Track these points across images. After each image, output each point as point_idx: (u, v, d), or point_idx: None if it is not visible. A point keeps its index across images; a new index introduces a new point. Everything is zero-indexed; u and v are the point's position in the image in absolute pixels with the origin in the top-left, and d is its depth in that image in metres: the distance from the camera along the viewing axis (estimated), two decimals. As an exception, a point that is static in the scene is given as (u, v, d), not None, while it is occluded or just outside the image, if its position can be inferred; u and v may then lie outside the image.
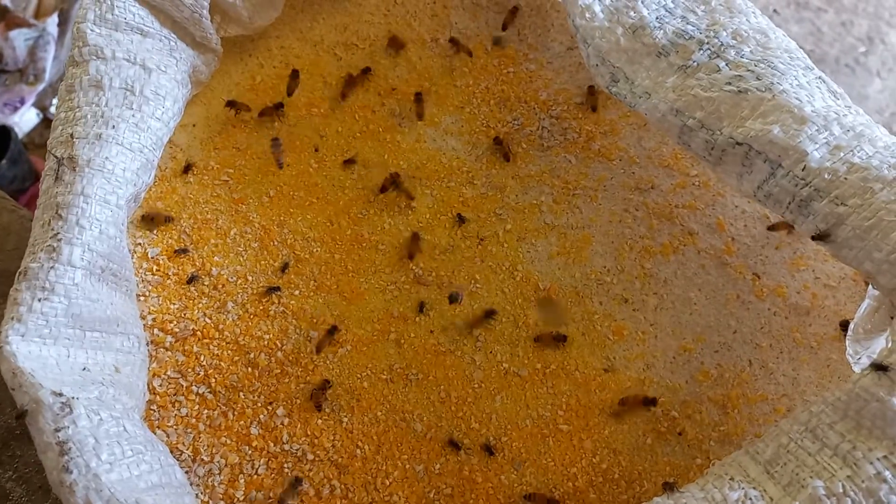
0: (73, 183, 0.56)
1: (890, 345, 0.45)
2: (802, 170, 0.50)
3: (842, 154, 0.50)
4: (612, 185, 0.71)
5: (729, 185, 0.69)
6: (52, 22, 1.58)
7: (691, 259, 0.67)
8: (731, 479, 0.45)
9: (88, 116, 0.59)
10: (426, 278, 0.68)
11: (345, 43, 0.81)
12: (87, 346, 0.55)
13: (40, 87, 1.51)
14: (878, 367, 0.44)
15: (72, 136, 0.58)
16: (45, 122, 1.53)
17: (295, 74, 0.76)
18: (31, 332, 0.52)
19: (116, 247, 0.58)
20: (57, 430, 0.48)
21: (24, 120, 1.49)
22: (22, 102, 1.47)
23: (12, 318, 0.52)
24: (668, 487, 0.53)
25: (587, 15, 0.61)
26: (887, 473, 0.41)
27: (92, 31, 0.63)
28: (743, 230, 0.67)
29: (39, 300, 0.53)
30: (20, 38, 1.50)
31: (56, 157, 0.58)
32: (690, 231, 0.68)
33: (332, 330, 0.65)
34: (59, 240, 0.54)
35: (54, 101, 1.51)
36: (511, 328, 0.66)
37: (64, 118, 0.60)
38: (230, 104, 0.74)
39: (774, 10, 1.71)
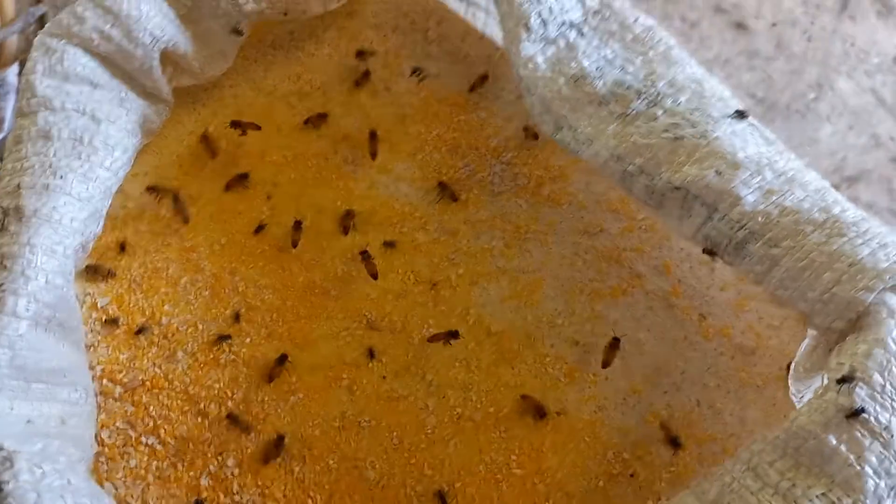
0: (18, 233, 0.56)
1: (825, 382, 0.46)
2: (737, 213, 0.52)
3: (774, 198, 0.52)
4: (562, 229, 0.73)
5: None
6: (11, 72, 1.55)
7: (639, 301, 0.69)
8: (675, 519, 0.45)
9: (36, 167, 0.59)
10: (379, 324, 0.68)
11: (298, 92, 0.82)
12: (31, 398, 0.55)
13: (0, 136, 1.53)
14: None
15: (18, 186, 0.58)
16: None
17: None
18: (-27, 387, 0.52)
19: (63, 297, 0.57)
20: (-5, 486, 0.48)
21: None
22: None
23: (-46, 373, 0.52)
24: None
25: (530, 65, 0.63)
26: (824, 510, 0.42)
27: (41, 82, 0.63)
28: (689, 272, 0.69)
29: (-17, 353, 0.52)
30: None
31: (2, 207, 0.57)
32: (638, 274, 0.70)
33: (282, 359, 0.65)
34: (4, 290, 0.54)
35: None
36: (464, 372, 0.66)
37: (11, 169, 0.60)
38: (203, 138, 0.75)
39: (726, 60, 1.77)
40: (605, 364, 0.65)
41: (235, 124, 0.76)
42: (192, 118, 0.79)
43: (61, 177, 0.59)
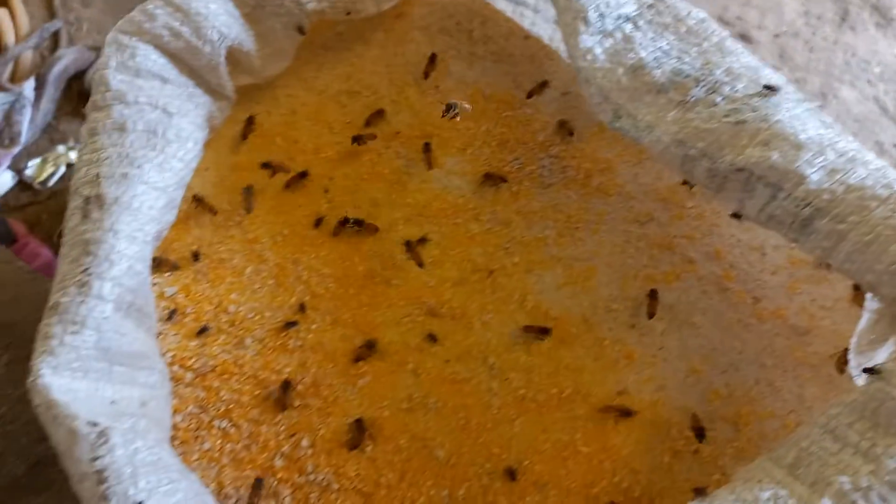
0: (101, 220, 0.58)
1: (894, 348, 0.48)
2: (803, 192, 0.54)
3: (838, 176, 0.53)
4: (613, 219, 0.75)
5: (724, 216, 0.72)
6: (28, 86, 1.55)
7: (693, 286, 0.70)
8: (760, 481, 0.47)
9: (113, 157, 0.61)
10: (439, 310, 0.70)
11: (348, 91, 0.84)
12: (114, 381, 0.56)
13: (15, 150, 1.48)
14: (871, 370, 0.47)
15: (97, 175, 0.60)
16: (21, 185, 1.53)
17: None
18: (62, 366, 0.53)
19: (143, 282, 0.59)
20: (94, 460, 0.49)
21: (0, 182, 1.49)
22: None
23: (44, 352, 0.53)
24: (699, 492, 0.55)
25: (588, 57, 0.65)
26: (868, 469, 0.43)
27: (114, 77, 0.65)
28: (740, 257, 0.71)
29: (71, 333, 0.54)
30: None
31: (83, 195, 0.59)
32: (690, 259, 0.71)
33: (371, 344, 0.67)
34: (90, 274, 0.55)
35: (30, 163, 1.50)
36: (525, 356, 0.67)
37: (87, 159, 0.62)
38: (266, 166, 0.76)
39: None
40: (651, 314, 0.68)
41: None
42: (247, 117, 0.81)
43: (138, 166, 0.61)
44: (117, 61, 0.66)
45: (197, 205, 0.73)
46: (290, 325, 0.68)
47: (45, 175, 1.41)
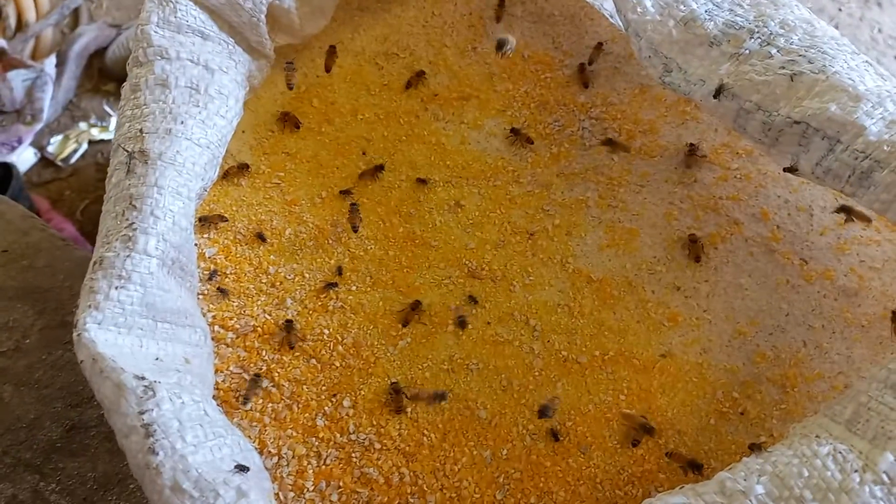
0: (145, 175, 0.57)
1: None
2: (862, 143, 0.52)
3: (899, 127, 0.51)
4: (656, 181, 0.73)
5: (771, 177, 0.70)
6: (49, 63, 1.56)
7: (739, 247, 0.68)
8: (817, 436, 0.45)
9: (157, 113, 0.60)
10: (480, 272, 0.69)
11: (385, 53, 0.82)
12: (158, 337, 0.56)
13: (37, 126, 1.52)
14: None
15: (141, 131, 0.59)
16: (43, 161, 1.53)
17: (332, 50, 0.78)
18: (107, 321, 0.53)
19: (187, 239, 0.58)
20: (141, 413, 0.48)
21: (22, 159, 1.48)
22: (19, 142, 1.48)
23: (89, 306, 0.53)
24: (755, 448, 0.54)
25: (638, 9, 0.63)
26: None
27: (156, 32, 0.64)
28: (787, 218, 0.69)
29: (116, 288, 0.53)
30: (18, 79, 1.51)
31: (126, 150, 0.58)
32: (736, 221, 0.69)
33: (416, 305, 0.66)
34: (135, 229, 0.55)
35: (52, 140, 1.52)
36: (567, 318, 0.66)
37: (130, 115, 0.61)
38: (285, 116, 0.76)
39: None
40: (697, 258, 0.67)
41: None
42: (284, 78, 0.80)
43: (182, 122, 0.60)
44: (158, 16, 0.65)
45: (238, 167, 0.73)
46: (330, 286, 0.67)
47: (67, 152, 1.45)
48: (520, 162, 0.75)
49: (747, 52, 0.58)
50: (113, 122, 1.48)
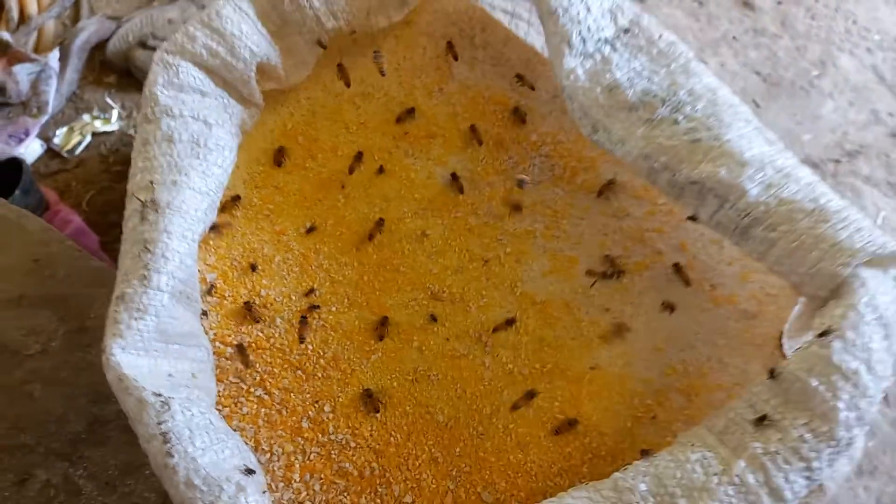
0: (156, 222, 0.68)
1: (810, 338, 0.58)
2: (744, 204, 0.63)
3: (773, 191, 0.63)
4: (594, 213, 0.84)
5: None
6: (53, 56, 1.59)
7: (660, 274, 0.80)
8: (693, 445, 0.58)
9: (164, 166, 0.71)
10: (441, 295, 0.80)
11: (362, 93, 0.93)
12: (170, 357, 0.67)
13: (43, 118, 1.55)
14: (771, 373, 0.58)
15: (151, 182, 0.70)
16: (49, 153, 1.56)
17: (341, 66, 0.89)
18: (129, 346, 0.64)
19: (191, 274, 0.70)
20: (159, 423, 0.60)
21: (29, 151, 1.52)
22: (27, 134, 1.52)
23: (114, 335, 0.64)
24: (645, 453, 0.66)
25: (571, 77, 0.74)
26: (807, 435, 0.54)
27: (162, 93, 0.75)
28: (701, 249, 0.81)
29: (135, 319, 0.65)
30: (23, 73, 1.56)
31: (140, 200, 0.70)
32: (659, 251, 0.81)
33: (384, 321, 0.78)
34: (149, 269, 0.66)
35: (57, 132, 1.56)
36: (513, 335, 0.78)
37: (142, 167, 0.72)
38: (280, 151, 0.87)
39: (734, 37, 1.84)
40: (615, 274, 0.79)
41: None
42: (272, 118, 0.90)
43: (185, 174, 0.71)
44: (164, 78, 0.75)
45: (233, 201, 0.84)
46: (312, 308, 0.79)
47: (72, 143, 1.49)
48: (478, 195, 0.87)
49: (659, 117, 0.70)
50: (114, 114, 1.54)
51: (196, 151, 0.73)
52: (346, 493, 0.70)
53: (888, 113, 1.82)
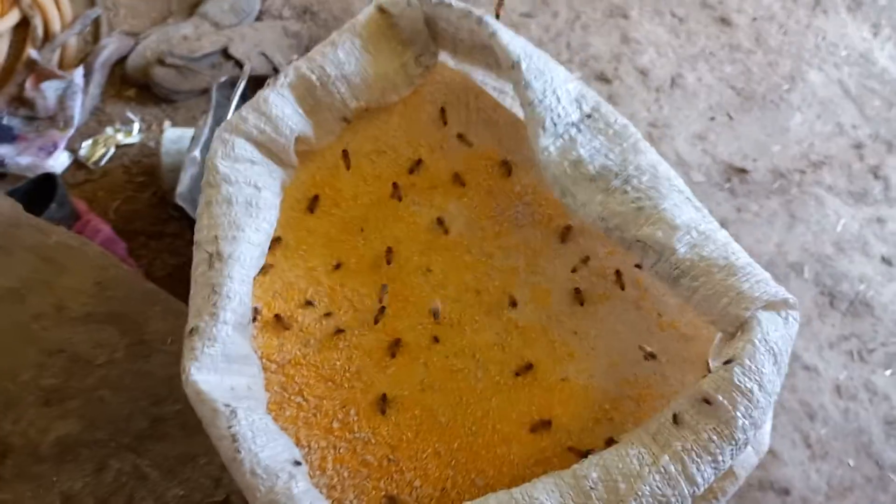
0: (221, 269, 0.85)
1: (719, 364, 0.76)
2: (674, 260, 0.81)
3: (696, 250, 0.80)
4: (566, 252, 1.02)
5: (642, 254, 0.99)
6: (78, 73, 1.67)
7: (618, 304, 0.97)
8: (632, 443, 0.75)
9: (225, 224, 0.88)
10: (442, 320, 0.98)
11: (377, 150, 1.09)
12: (232, 374, 0.84)
13: (70, 132, 1.64)
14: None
15: (216, 237, 0.87)
16: (76, 164, 1.64)
17: (345, 153, 1.05)
18: (203, 367, 0.81)
19: (247, 309, 0.87)
20: (229, 427, 0.77)
21: (58, 163, 1.61)
22: (55, 147, 1.61)
23: (191, 359, 0.81)
24: (610, 442, 0.84)
25: (545, 153, 0.91)
26: (714, 437, 0.72)
27: (221, 163, 0.91)
28: (652, 284, 0.98)
29: (207, 347, 0.82)
30: (50, 89, 1.64)
31: (207, 251, 0.86)
32: (619, 286, 0.98)
33: (397, 341, 0.95)
34: (217, 307, 0.83)
35: (83, 144, 1.65)
36: (500, 353, 0.95)
37: (208, 224, 0.88)
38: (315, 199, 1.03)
39: (711, 53, 1.97)
40: (582, 303, 0.96)
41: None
42: (305, 173, 1.07)
43: (242, 230, 0.88)
44: (222, 152, 0.92)
45: (275, 242, 1.01)
46: (339, 331, 0.96)
47: (97, 155, 1.63)
48: (472, 237, 1.04)
49: (613, 187, 0.87)
50: (135, 126, 1.67)
51: (250, 211, 0.90)
52: (368, 479, 0.88)
53: (852, 125, 1.92)
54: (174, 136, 1.52)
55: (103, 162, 1.66)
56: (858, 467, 1.42)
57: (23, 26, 1.79)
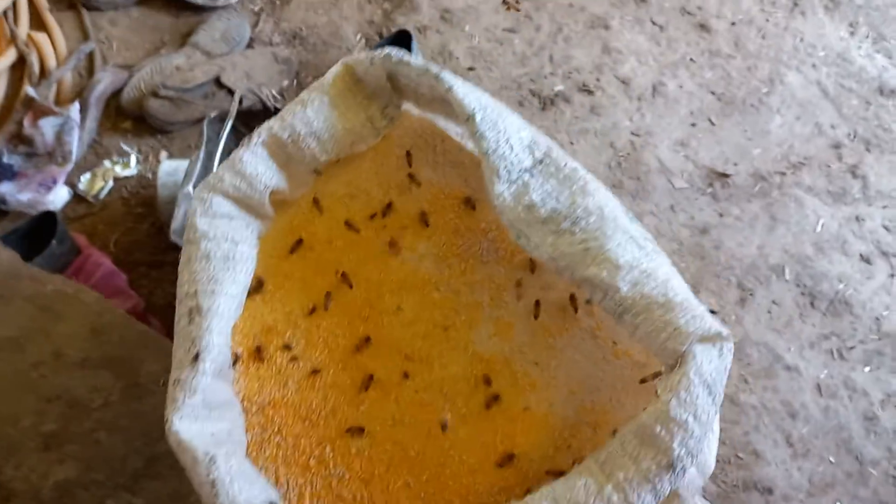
0: (201, 323, 0.89)
1: (658, 396, 0.79)
2: (619, 297, 0.84)
3: (638, 287, 0.84)
4: (528, 287, 1.05)
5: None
6: (74, 109, 1.66)
7: (576, 335, 1.01)
8: (581, 473, 0.79)
9: (204, 279, 0.92)
10: (412, 356, 1.02)
11: (350, 194, 1.13)
12: (212, 420, 0.87)
13: (69, 167, 1.63)
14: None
15: (196, 292, 0.91)
16: (76, 198, 1.64)
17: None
18: (184, 417, 0.84)
19: (227, 357, 0.91)
20: (208, 474, 0.81)
21: (58, 197, 1.61)
22: (54, 182, 1.60)
23: (173, 410, 0.84)
24: (550, 473, 0.87)
25: (500, 199, 0.94)
26: (653, 466, 0.75)
27: (200, 220, 0.95)
28: (605, 315, 1.01)
29: (187, 397, 0.85)
30: (48, 125, 1.63)
31: (188, 306, 0.90)
32: (576, 317, 1.02)
33: (370, 377, 0.98)
34: (196, 359, 0.87)
35: (82, 178, 1.64)
36: (466, 386, 0.99)
37: (188, 279, 0.92)
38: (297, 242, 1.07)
39: (691, 59, 1.98)
40: (536, 316, 1.00)
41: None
42: (282, 220, 1.11)
43: (220, 283, 0.92)
44: (201, 210, 0.96)
45: (256, 288, 1.05)
46: (315, 371, 1.00)
47: (96, 189, 1.64)
48: (440, 275, 1.08)
49: (562, 229, 0.90)
50: (132, 159, 1.67)
51: (227, 265, 0.94)
52: (344, 512, 0.92)
53: (830, 125, 1.90)
54: (170, 169, 1.55)
55: (102, 195, 1.66)
56: (839, 463, 1.43)
57: (19, 64, 1.78)
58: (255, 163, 0.99)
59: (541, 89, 1.81)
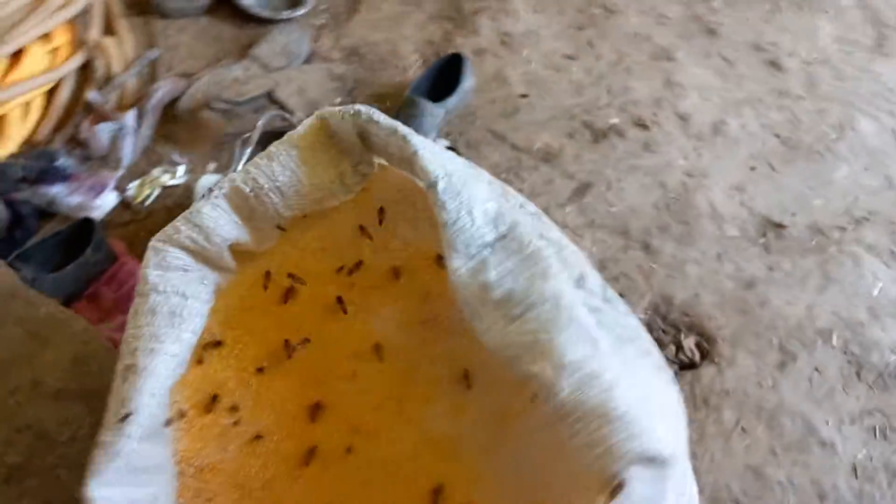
0: (134, 383, 0.85)
1: None
2: (560, 398, 0.76)
3: (579, 392, 0.75)
4: (488, 364, 0.97)
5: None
6: (130, 115, 1.69)
7: (532, 421, 0.93)
8: None
9: (147, 335, 0.88)
10: (360, 429, 0.95)
11: (321, 248, 1.08)
12: (138, 485, 0.83)
13: (120, 173, 1.65)
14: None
15: (136, 349, 0.87)
16: (122, 204, 1.65)
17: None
18: (104, 483, 0.80)
19: (160, 420, 0.86)
20: (123, 546, 0.77)
21: (106, 202, 1.62)
22: (104, 187, 1.63)
23: (94, 474, 0.81)
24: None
25: (457, 273, 0.87)
26: None
27: (152, 274, 0.91)
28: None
29: (111, 462, 0.81)
30: (104, 131, 1.66)
31: (125, 363, 0.87)
32: (533, 397, 0.94)
33: (313, 449, 0.92)
34: (123, 422, 0.83)
35: (131, 184, 1.65)
36: (412, 468, 0.92)
37: (131, 335, 0.88)
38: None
39: (758, 99, 1.79)
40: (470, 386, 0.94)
41: (291, 276, 1.04)
42: (249, 271, 1.07)
43: (161, 341, 0.88)
44: (154, 262, 0.92)
45: (214, 346, 1.00)
46: (258, 437, 0.94)
47: (142, 196, 1.63)
48: (405, 343, 1.01)
49: (513, 315, 0.83)
50: (181, 169, 1.65)
51: (173, 321, 0.90)
52: (269, 592, 0.86)
53: None
54: (208, 183, 1.52)
55: (148, 203, 1.64)
56: (867, 556, 1.28)
57: (85, 68, 1.80)
58: (216, 215, 0.95)
59: (594, 121, 1.68)
